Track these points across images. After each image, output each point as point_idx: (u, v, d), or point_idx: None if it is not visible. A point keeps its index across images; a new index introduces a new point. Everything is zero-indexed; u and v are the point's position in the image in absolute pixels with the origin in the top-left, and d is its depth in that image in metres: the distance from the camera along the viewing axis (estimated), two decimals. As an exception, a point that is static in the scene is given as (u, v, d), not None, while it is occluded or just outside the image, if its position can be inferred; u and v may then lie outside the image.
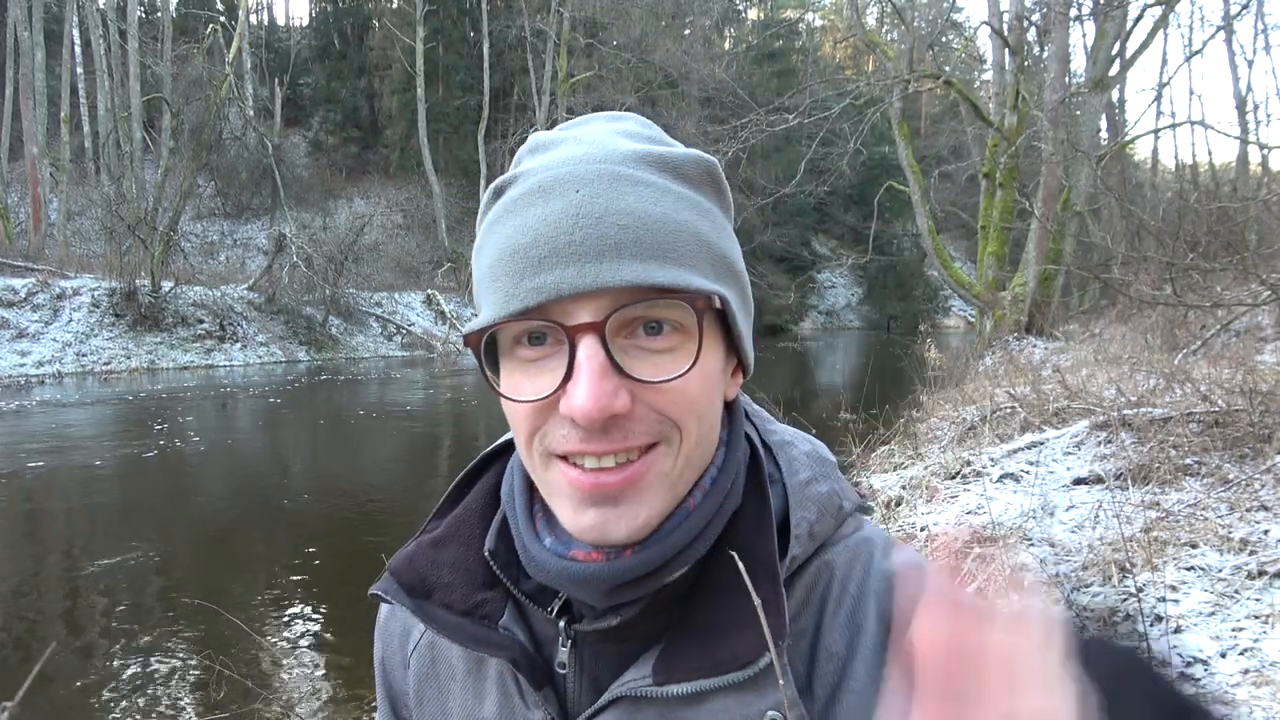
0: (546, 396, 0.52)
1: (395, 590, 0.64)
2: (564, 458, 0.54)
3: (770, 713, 0.53)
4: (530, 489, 0.62)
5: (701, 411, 0.54)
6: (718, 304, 0.54)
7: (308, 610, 4.86)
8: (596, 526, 0.53)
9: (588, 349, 0.50)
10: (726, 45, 42.67)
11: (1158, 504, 4.10)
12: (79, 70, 29.10)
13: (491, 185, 0.57)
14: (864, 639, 0.55)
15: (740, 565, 0.52)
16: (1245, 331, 8.85)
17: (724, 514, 0.58)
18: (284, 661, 4.14)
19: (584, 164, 0.53)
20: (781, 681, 0.50)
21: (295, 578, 5.39)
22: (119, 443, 10.12)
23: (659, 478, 0.53)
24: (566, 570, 0.55)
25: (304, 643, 4.41)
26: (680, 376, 0.52)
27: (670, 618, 0.57)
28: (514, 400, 0.54)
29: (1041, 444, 5.52)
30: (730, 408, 0.63)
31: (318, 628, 4.62)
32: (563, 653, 0.60)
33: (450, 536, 0.66)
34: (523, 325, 0.53)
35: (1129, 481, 4.47)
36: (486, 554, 0.63)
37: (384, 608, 0.71)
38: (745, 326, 0.59)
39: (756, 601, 0.49)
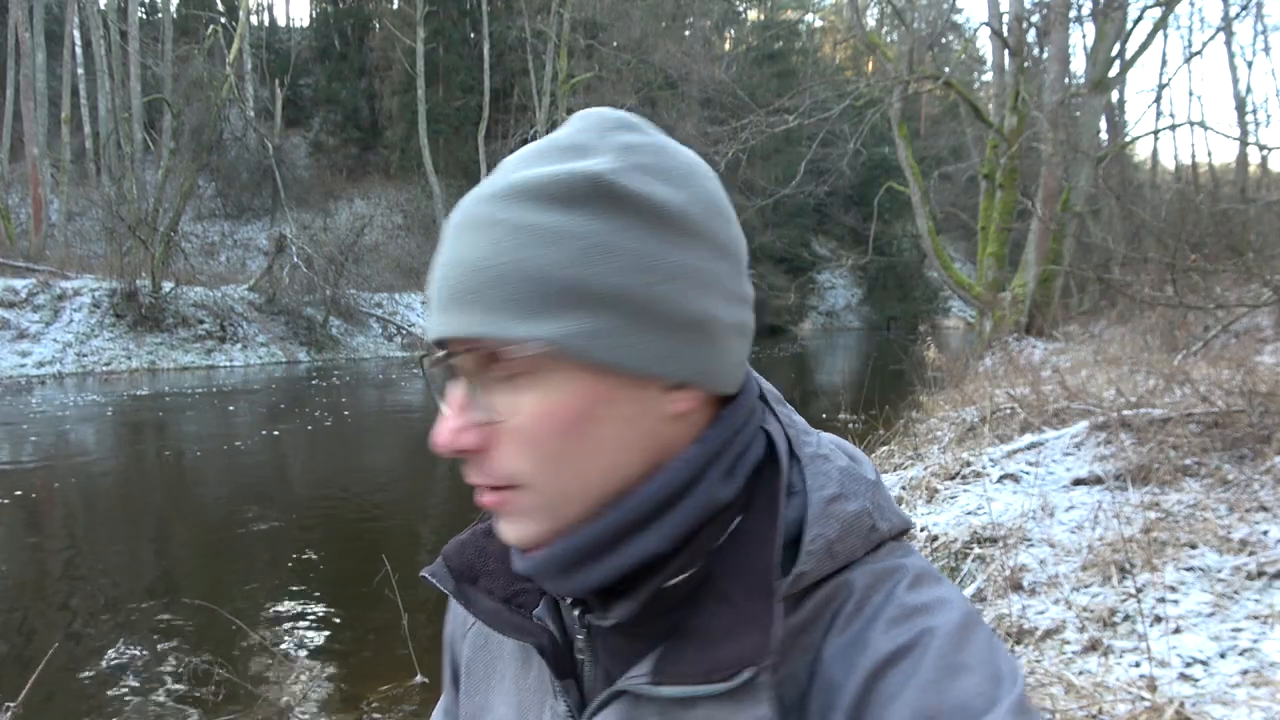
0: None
1: (443, 574, 0.67)
2: None
3: None
4: None
5: (550, 452, 0.53)
6: (542, 348, 0.50)
7: (308, 611, 4.86)
8: (501, 530, 0.58)
9: (453, 385, 0.55)
10: (726, 46, 42.71)
11: (1157, 504, 4.10)
12: (80, 71, 29.09)
13: None
14: (857, 672, 0.51)
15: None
16: (1245, 332, 8.87)
17: (695, 503, 0.55)
18: (283, 662, 4.14)
19: (468, 204, 0.55)
20: (766, 699, 0.51)
21: (295, 578, 5.40)
22: (119, 443, 10.13)
23: (529, 507, 0.55)
24: (520, 561, 0.59)
25: (304, 644, 4.42)
26: (512, 420, 0.53)
27: (676, 618, 0.58)
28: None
29: (1041, 444, 5.52)
30: (727, 403, 0.59)
31: (318, 629, 4.63)
32: (579, 642, 0.62)
33: None
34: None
35: (1129, 482, 4.48)
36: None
37: None
38: (656, 350, 0.53)
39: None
